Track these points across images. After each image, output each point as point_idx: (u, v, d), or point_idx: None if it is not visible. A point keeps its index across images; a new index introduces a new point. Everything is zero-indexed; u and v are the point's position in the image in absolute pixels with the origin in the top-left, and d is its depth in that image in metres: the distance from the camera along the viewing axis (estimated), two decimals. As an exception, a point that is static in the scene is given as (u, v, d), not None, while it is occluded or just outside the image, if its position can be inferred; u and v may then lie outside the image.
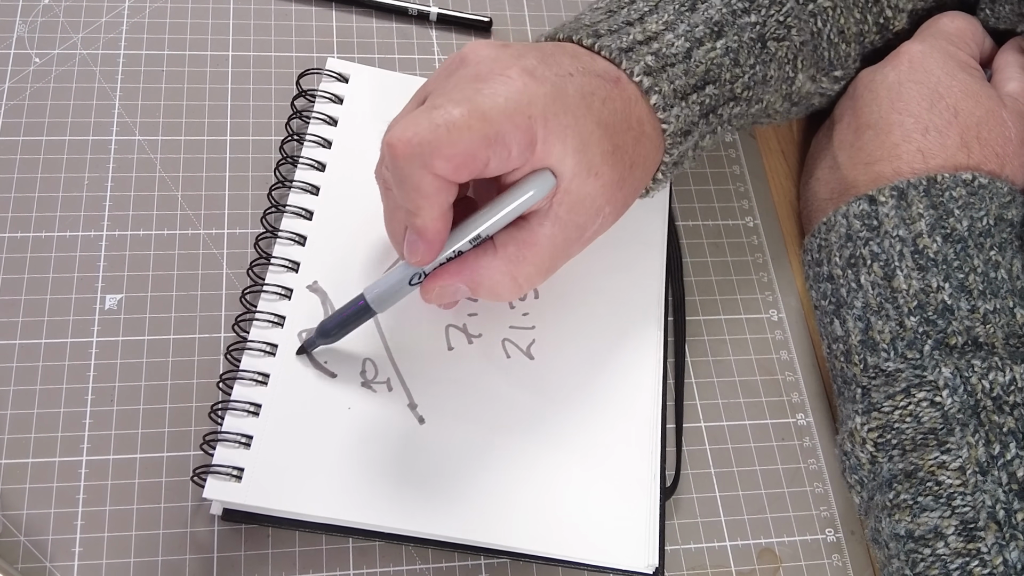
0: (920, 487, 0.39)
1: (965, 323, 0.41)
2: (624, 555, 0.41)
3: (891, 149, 0.45)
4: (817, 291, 0.47)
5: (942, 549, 0.38)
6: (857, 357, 0.43)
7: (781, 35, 0.44)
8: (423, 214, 0.36)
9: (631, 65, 0.40)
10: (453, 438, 0.42)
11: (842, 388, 0.45)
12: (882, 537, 0.41)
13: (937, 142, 0.45)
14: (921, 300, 0.41)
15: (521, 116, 0.36)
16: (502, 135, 0.35)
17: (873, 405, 0.41)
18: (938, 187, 0.43)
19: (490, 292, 0.39)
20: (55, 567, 0.39)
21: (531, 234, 0.38)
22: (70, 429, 0.42)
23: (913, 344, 0.41)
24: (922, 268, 0.42)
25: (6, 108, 0.49)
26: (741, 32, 0.42)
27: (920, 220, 0.43)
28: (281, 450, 0.40)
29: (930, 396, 0.39)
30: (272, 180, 0.47)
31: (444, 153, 0.34)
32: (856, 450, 0.42)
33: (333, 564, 0.41)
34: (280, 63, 0.53)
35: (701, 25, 0.42)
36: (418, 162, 0.35)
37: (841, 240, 0.45)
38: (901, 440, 0.40)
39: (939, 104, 0.45)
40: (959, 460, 0.38)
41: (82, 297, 0.45)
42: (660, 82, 0.40)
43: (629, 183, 0.40)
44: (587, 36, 0.41)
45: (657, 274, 0.48)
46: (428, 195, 0.35)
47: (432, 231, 0.37)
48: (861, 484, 0.42)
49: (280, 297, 0.44)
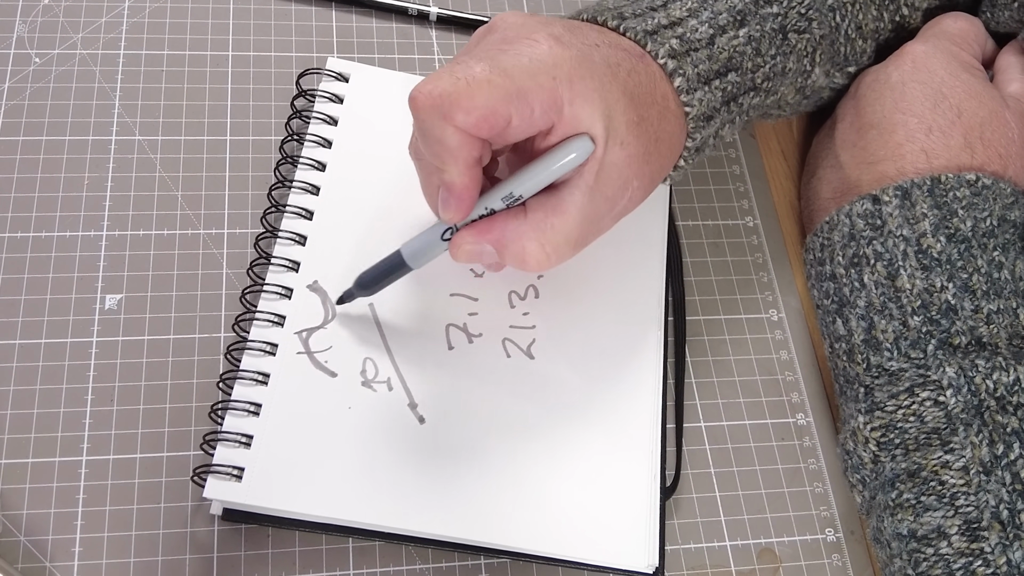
0: (923, 487, 0.39)
1: (969, 323, 0.41)
2: (624, 555, 0.41)
3: (894, 149, 0.45)
4: (819, 290, 0.47)
5: (945, 549, 0.38)
6: (860, 356, 0.43)
7: (802, 27, 0.44)
8: (449, 168, 0.36)
9: (656, 47, 0.40)
10: (453, 438, 0.42)
11: (844, 387, 0.45)
12: (884, 536, 0.40)
13: (941, 142, 0.45)
14: (925, 300, 0.41)
15: (545, 76, 0.36)
16: (524, 92, 0.35)
17: (876, 404, 0.41)
18: (942, 187, 0.43)
19: (516, 257, 0.39)
20: (55, 567, 0.39)
21: (561, 201, 0.38)
22: (70, 429, 0.42)
23: (917, 344, 0.41)
24: (926, 268, 0.42)
25: (6, 108, 0.49)
26: (763, 22, 0.43)
27: (924, 220, 0.43)
28: (281, 450, 0.40)
29: (934, 396, 0.39)
30: (272, 180, 0.47)
31: (464, 106, 0.35)
32: (858, 449, 0.42)
33: (333, 564, 0.41)
34: (280, 63, 0.53)
35: (724, 13, 0.42)
36: (438, 114, 0.35)
37: (844, 239, 0.45)
38: (904, 440, 0.40)
39: (942, 104, 0.45)
40: (963, 460, 0.38)
41: (82, 297, 0.45)
42: (684, 65, 0.40)
43: (655, 158, 0.40)
44: (612, 18, 0.41)
45: (657, 274, 0.48)
46: (451, 149, 0.36)
47: (460, 185, 0.37)
48: (863, 483, 0.42)
49: (280, 297, 0.44)
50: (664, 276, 0.48)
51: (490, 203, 0.38)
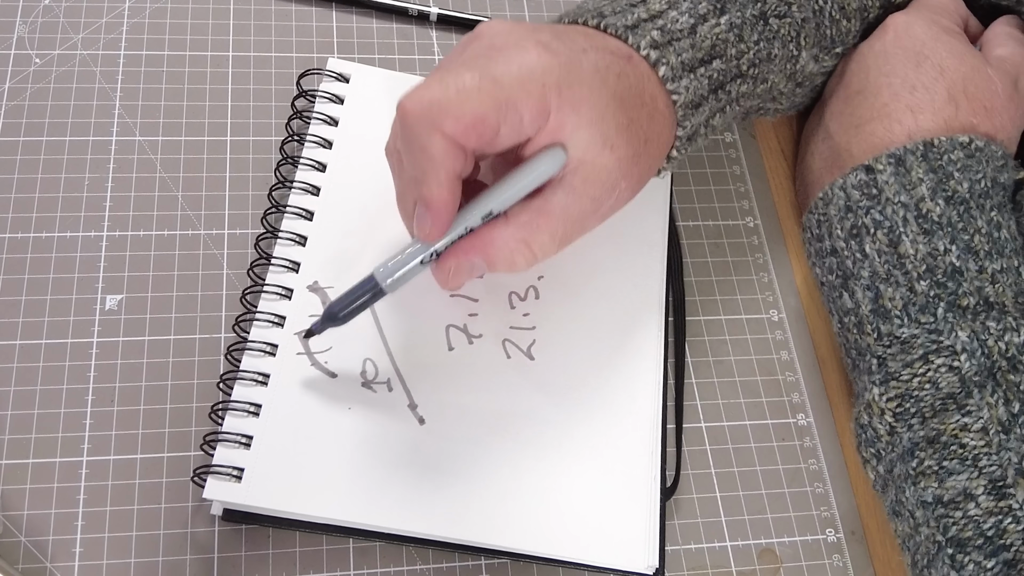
0: (944, 451, 0.39)
1: (975, 283, 0.41)
2: (624, 555, 0.41)
3: (880, 109, 0.46)
4: (821, 267, 0.46)
5: (973, 510, 0.38)
6: (870, 327, 0.43)
7: (782, 12, 0.44)
8: (430, 180, 0.36)
9: (637, 40, 0.40)
10: (453, 438, 0.42)
11: (856, 360, 0.44)
12: (907, 508, 0.40)
13: (925, 98, 0.45)
14: (930, 264, 0.41)
15: (535, 84, 0.36)
16: (514, 101, 0.35)
17: (891, 374, 0.41)
18: (935, 151, 0.43)
19: (506, 262, 0.39)
20: (56, 568, 0.39)
21: (545, 203, 0.38)
22: (71, 430, 0.42)
23: (926, 308, 0.41)
24: (927, 232, 0.42)
25: (6, 108, 0.49)
26: (743, 9, 0.43)
27: (921, 184, 0.43)
28: (281, 450, 0.40)
29: (948, 361, 0.40)
30: (272, 180, 0.47)
31: (454, 113, 0.35)
32: (874, 421, 0.41)
33: (333, 564, 0.41)
34: (280, 63, 0.53)
35: (704, 2, 0.42)
36: (427, 122, 0.35)
37: (841, 212, 0.45)
38: (920, 408, 0.40)
39: (924, 64, 0.46)
40: (981, 421, 0.38)
41: (82, 298, 0.45)
42: (667, 54, 0.40)
43: (644, 159, 0.40)
44: (592, 17, 0.41)
45: (657, 274, 0.48)
46: (435, 159, 0.36)
47: (439, 201, 0.36)
48: (877, 457, 0.42)
49: (280, 297, 0.44)
50: (664, 276, 0.48)
51: (469, 221, 0.38)
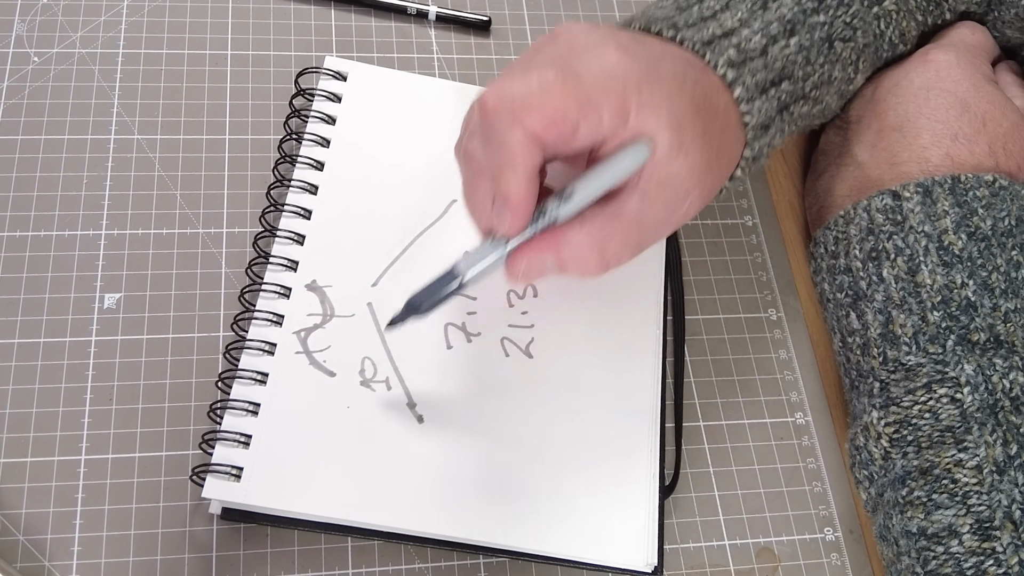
0: (935, 484, 0.39)
1: (988, 320, 0.41)
2: (623, 554, 0.41)
3: (919, 152, 0.45)
4: (831, 284, 0.46)
5: (956, 547, 0.38)
6: (876, 350, 0.43)
7: (847, 36, 0.44)
8: (508, 175, 0.36)
9: (715, 57, 0.40)
10: (452, 437, 0.42)
11: (856, 381, 0.44)
12: (892, 534, 0.40)
13: (966, 149, 0.45)
14: (945, 295, 0.42)
15: (616, 84, 0.36)
16: (594, 100, 0.35)
17: (892, 399, 0.41)
18: (962, 186, 0.43)
19: (579, 266, 0.38)
20: (54, 566, 0.39)
21: (619, 207, 0.38)
22: (69, 428, 0.42)
23: (936, 339, 0.41)
24: (947, 264, 0.42)
25: (4, 107, 0.49)
26: (812, 31, 0.43)
27: (945, 217, 0.43)
28: (280, 449, 0.40)
29: (951, 392, 0.39)
30: (271, 179, 0.47)
31: (535, 108, 0.35)
32: (869, 444, 0.42)
33: (332, 563, 0.41)
34: (279, 62, 0.53)
35: (775, 23, 0.42)
36: (508, 116, 0.35)
37: (862, 233, 0.45)
38: (917, 436, 0.40)
39: (967, 113, 0.45)
40: (976, 459, 0.38)
41: (81, 296, 0.45)
42: (744, 74, 0.40)
43: (716, 169, 0.40)
44: (667, 28, 0.41)
45: (656, 273, 0.48)
46: (515, 153, 0.35)
47: (517, 195, 0.36)
48: (870, 480, 0.42)
49: (279, 296, 0.44)
50: (663, 275, 0.48)
51: (549, 215, 0.37)
